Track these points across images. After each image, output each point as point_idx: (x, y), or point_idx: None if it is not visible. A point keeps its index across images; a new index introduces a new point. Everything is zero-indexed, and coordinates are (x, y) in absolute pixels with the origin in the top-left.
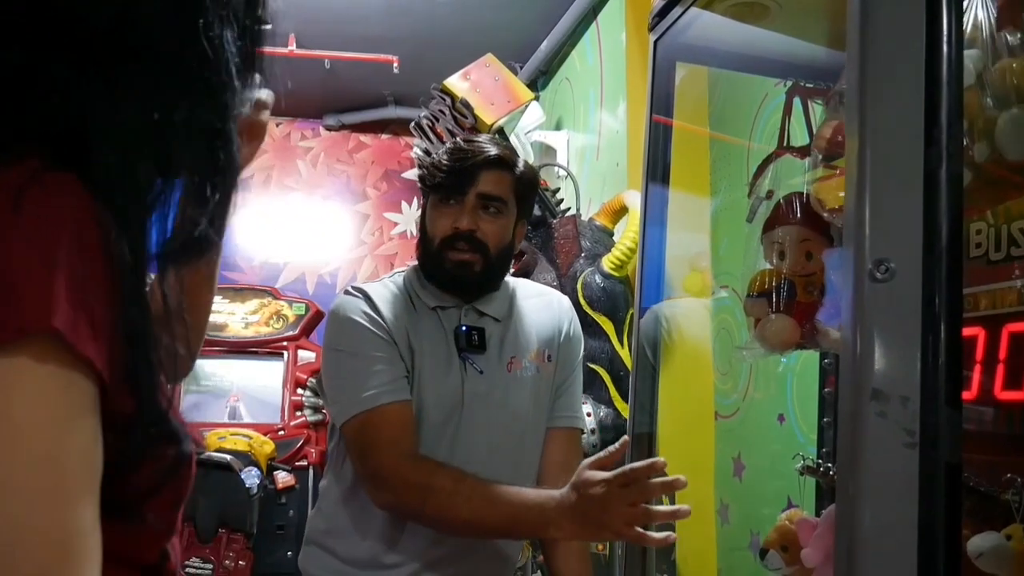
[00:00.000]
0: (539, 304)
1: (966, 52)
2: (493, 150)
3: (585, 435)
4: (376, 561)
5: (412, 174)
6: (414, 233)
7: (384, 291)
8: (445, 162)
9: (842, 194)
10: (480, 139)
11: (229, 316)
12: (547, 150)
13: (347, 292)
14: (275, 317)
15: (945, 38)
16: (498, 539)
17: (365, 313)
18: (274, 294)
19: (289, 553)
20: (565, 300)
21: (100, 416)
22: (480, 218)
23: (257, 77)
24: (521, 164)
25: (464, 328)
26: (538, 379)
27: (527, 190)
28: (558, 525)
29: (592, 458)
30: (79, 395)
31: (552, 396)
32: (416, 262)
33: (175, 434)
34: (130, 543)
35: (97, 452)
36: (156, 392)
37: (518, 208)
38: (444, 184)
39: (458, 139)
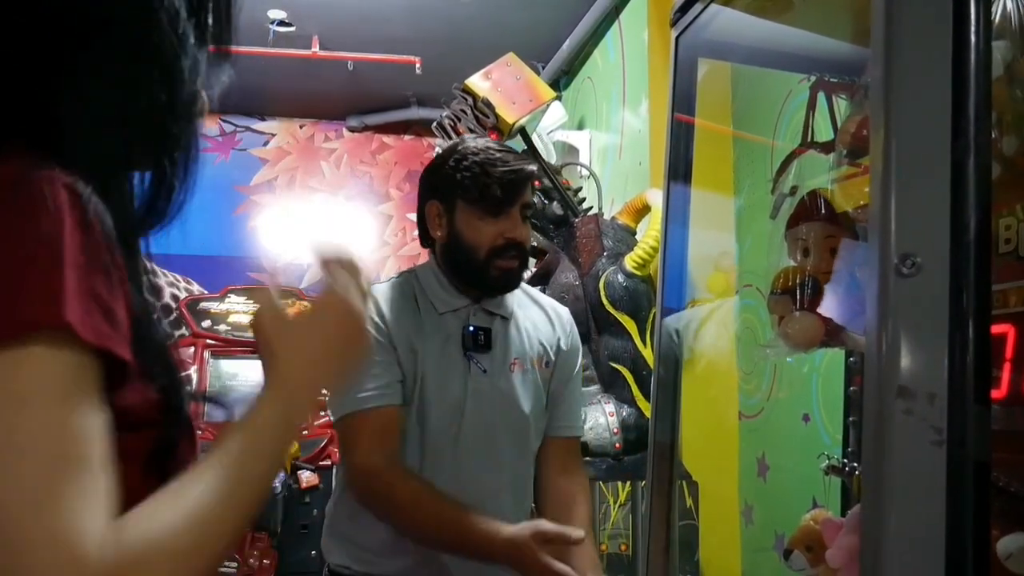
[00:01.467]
0: (541, 312)
1: (994, 43)
2: (530, 164)
3: (607, 435)
4: (391, 547)
5: None
6: None
7: (390, 293)
8: (500, 174)
9: (867, 190)
10: (509, 150)
11: None
12: (569, 149)
13: None
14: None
15: (972, 28)
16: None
17: (374, 322)
18: (298, 295)
19: (313, 552)
20: (565, 312)
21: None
22: (523, 227)
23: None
24: None
25: (471, 329)
26: (538, 381)
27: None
28: (503, 556)
29: (548, 525)
30: (84, 379)
31: (548, 401)
32: (427, 263)
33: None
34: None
35: (99, 429)
36: (166, 360)
37: None
38: (498, 197)
39: (491, 148)
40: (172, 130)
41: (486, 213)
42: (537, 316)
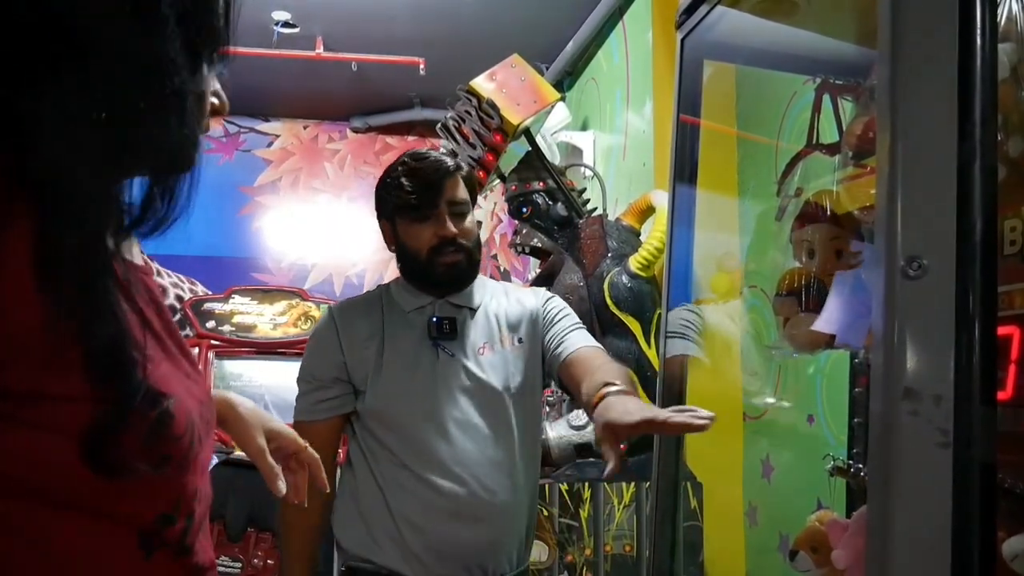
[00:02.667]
0: (509, 300)
1: (1000, 45)
2: (448, 160)
3: None
4: (388, 541)
5: None
6: None
7: (359, 304)
8: (409, 185)
9: (873, 191)
10: (428, 153)
11: (258, 317)
12: (573, 150)
13: (327, 310)
14: (303, 318)
15: (978, 31)
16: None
17: (327, 335)
18: (302, 295)
19: None
20: (539, 290)
21: None
22: (456, 222)
23: (215, 57)
24: (464, 166)
25: (435, 319)
26: (510, 358)
27: (473, 186)
28: None
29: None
30: None
31: (536, 360)
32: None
33: (145, 394)
34: (118, 499)
35: None
36: (114, 356)
37: (472, 204)
38: (415, 204)
39: (406, 161)
40: (161, 136)
41: (415, 220)
42: (508, 305)
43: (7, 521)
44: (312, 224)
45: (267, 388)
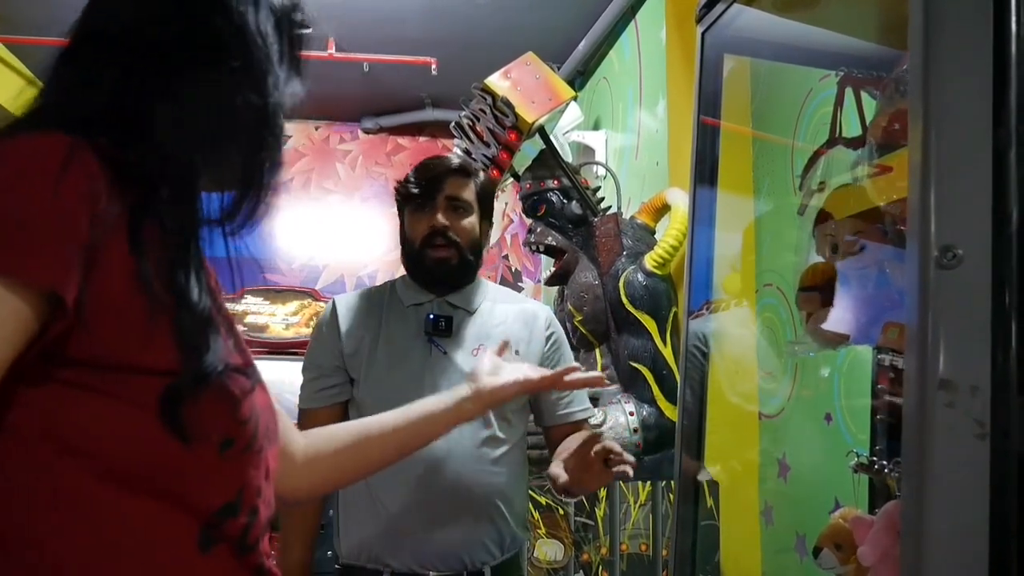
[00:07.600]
0: (514, 311)
1: None
2: (455, 160)
3: (627, 435)
4: (372, 541)
5: None
6: None
7: (363, 296)
8: (413, 177)
9: (900, 184)
10: (443, 158)
11: (270, 317)
12: (585, 150)
13: (332, 300)
14: (315, 318)
15: (1013, 16)
16: None
17: (329, 324)
18: (314, 295)
19: (329, 553)
20: (544, 312)
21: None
22: (451, 217)
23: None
24: (480, 174)
25: (432, 316)
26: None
27: (486, 195)
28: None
29: None
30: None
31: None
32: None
33: (223, 367)
34: (186, 479)
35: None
36: (202, 332)
37: (480, 210)
38: (416, 194)
39: (424, 160)
40: (259, 135)
41: (415, 209)
42: (511, 314)
43: (67, 496)
44: (324, 225)
45: (279, 388)
